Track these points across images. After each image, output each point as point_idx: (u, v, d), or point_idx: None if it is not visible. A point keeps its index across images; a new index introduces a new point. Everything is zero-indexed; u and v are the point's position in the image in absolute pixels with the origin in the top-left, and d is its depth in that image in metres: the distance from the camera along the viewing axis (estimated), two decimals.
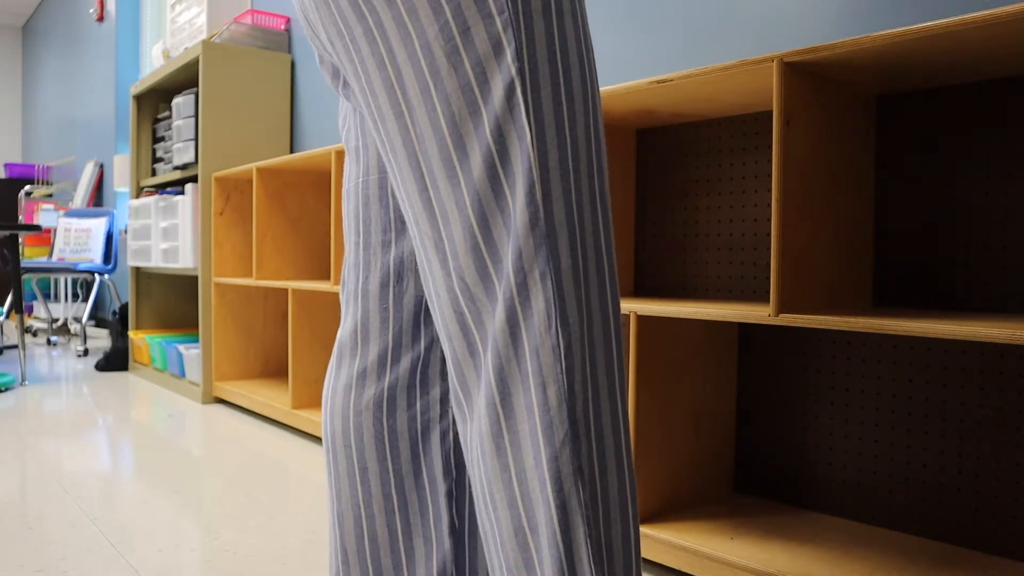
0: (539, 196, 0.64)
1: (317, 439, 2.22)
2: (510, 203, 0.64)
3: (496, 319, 0.65)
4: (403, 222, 0.84)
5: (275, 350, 2.91)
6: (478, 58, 0.65)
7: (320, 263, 2.68)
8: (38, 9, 7.29)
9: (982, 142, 1.18)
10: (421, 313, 0.85)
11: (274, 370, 2.91)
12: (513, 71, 0.64)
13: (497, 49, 0.65)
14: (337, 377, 0.86)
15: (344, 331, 0.87)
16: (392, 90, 0.69)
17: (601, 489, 0.66)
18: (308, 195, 2.65)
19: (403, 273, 0.84)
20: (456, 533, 0.87)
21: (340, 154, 2.07)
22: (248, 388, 2.64)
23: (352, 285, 0.87)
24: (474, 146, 0.65)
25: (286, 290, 2.87)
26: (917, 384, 1.25)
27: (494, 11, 0.64)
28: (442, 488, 0.86)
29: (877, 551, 1.18)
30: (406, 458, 0.84)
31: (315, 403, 2.34)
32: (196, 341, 3.14)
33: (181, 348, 2.94)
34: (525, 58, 0.65)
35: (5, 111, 7.88)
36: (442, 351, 0.84)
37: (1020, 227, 1.14)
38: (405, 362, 0.84)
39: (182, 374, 2.95)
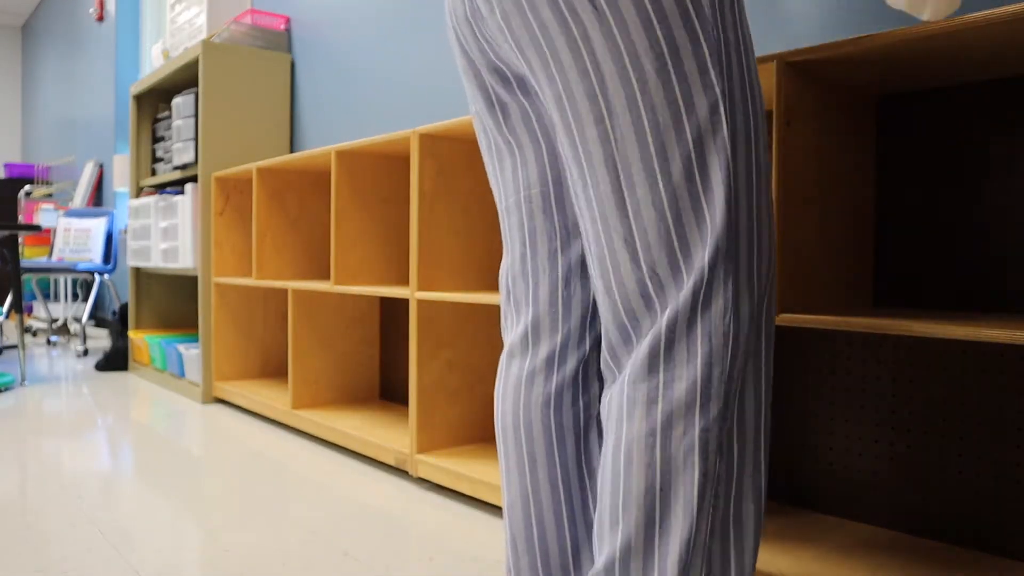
0: (733, 205, 0.75)
1: (317, 439, 2.22)
2: (704, 207, 0.74)
3: (678, 305, 0.75)
4: (568, 232, 0.92)
5: (275, 350, 2.91)
6: (685, 76, 0.74)
7: (320, 263, 2.68)
8: (38, 9, 7.29)
9: (982, 142, 1.18)
10: (588, 315, 0.92)
11: (274, 370, 2.91)
12: (717, 91, 0.74)
13: (703, 71, 0.75)
14: (507, 376, 0.94)
15: (515, 335, 0.95)
16: (595, 98, 0.77)
17: (738, 467, 0.76)
18: (308, 195, 2.65)
19: (571, 279, 0.92)
20: None
21: (340, 154, 2.07)
22: (248, 388, 2.64)
23: (522, 293, 0.95)
24: (675, 154, 0.74)
25: (286, 290, 2.87)
26: (917, 384, 1.25)
27: (702, 38, 0.74)
28: None
29: (877, 551, 1.18)
30: (571, 451, 0.91)
31: (315, 403, 2.35)
32: (196, 341, 3.14)
33: (181, 348, 2.94)
34: (726, 81, 0.75)
35: (5, 111, 7.88)
36: (600, 352, 0.93)
37: (1020, 227, 1.14)
38: (571, 362, 0.91)
39: (182, 374, 2.95)
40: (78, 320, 5.18)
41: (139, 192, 3.40)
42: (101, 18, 5.46)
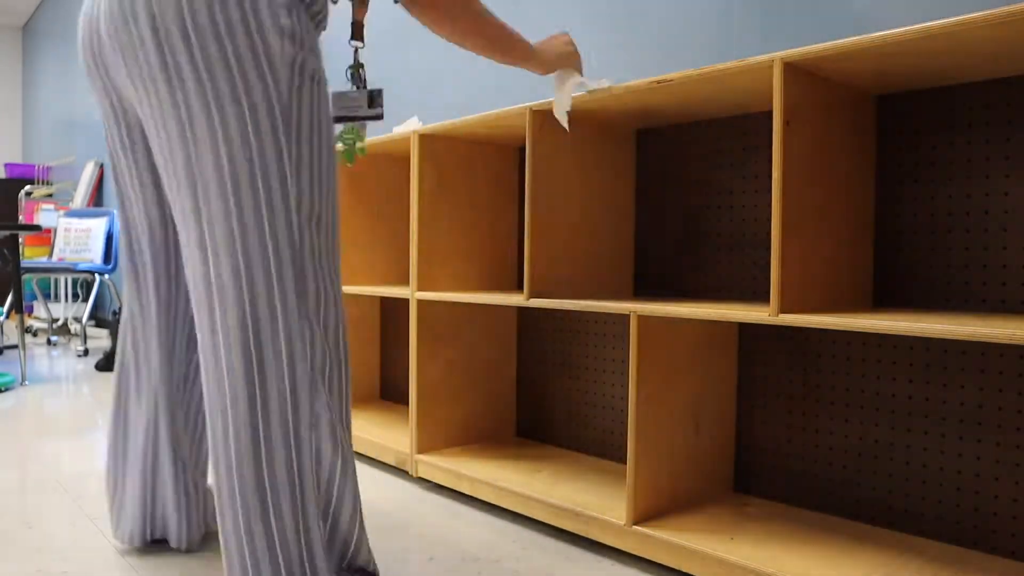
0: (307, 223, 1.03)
1: None
2: (255, 228, 0.97)
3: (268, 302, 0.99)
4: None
5: None
6: (257, 127, 0.95)
7: None
8: (38, 9, 7.29)
9: (982, 142, 1.18)
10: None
11: None
12: (283, 140, 0.98)
13: (274, 123, 0.97)
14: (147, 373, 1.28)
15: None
16: (183, 126, 0.96)
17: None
18: None
19: (178, 297, 1.26)
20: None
21: (340, 154, 2.06)
22: None
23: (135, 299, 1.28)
24: (239, 184, 0.96)
25: None
26: (917, 384, 1.25)
27: (273, 97, 0.96)
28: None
29: (877, 551, 1.19)
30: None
31: None
32: None
33: None
34: (291, 133, 0.98)
35: (5, 111, 7.88)
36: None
37: (1020, 227, 1.14)
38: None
39: None
40: (78, 320, 5.18)
41: None
42: None
